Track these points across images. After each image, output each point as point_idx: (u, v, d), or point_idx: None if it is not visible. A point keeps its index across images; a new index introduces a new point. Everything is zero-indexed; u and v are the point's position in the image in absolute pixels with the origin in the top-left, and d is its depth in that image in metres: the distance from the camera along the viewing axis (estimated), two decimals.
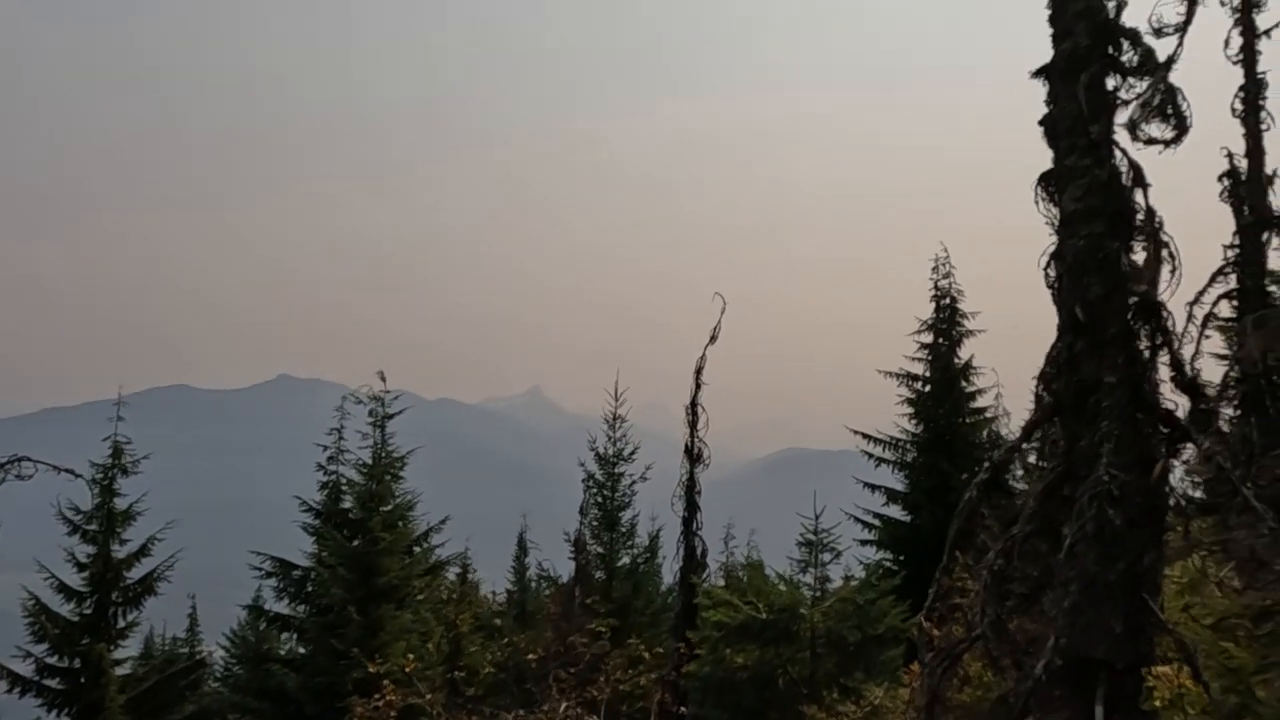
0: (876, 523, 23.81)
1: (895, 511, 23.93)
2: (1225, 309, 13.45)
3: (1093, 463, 4.91)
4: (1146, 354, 5.22)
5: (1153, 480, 5.01)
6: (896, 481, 24.08)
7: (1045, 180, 5.48)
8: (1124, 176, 5.32)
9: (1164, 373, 5.29)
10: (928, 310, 24.30)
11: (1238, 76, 12.97)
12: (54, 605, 21.43)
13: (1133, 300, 5.19)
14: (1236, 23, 12.89)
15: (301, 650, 23.06)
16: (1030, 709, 4.92)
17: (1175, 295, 5.40)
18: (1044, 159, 5.82)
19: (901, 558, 23.00)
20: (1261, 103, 12.95)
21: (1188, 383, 5.30)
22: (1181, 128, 5.18)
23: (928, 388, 24.07)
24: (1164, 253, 5.21)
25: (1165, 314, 5.23)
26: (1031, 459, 5.63)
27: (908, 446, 24.11)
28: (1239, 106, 13.01)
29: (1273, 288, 16.03)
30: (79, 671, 21.13)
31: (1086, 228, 5.21)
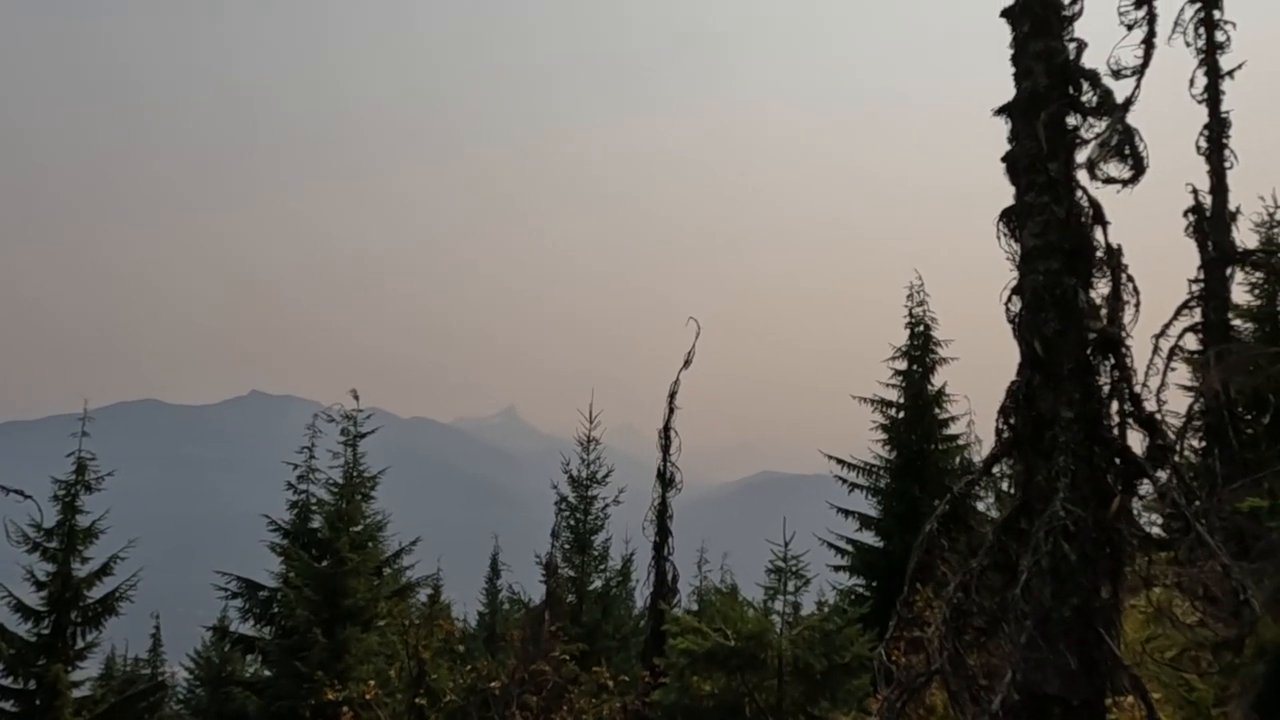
0: (849, 548, 23.83)
1: (868, 537, 23.95)
2: (1191, 342, 13.66)
3: (1049, 497, 4.93)
4: (1105, 389, 5.28)
5: (1109, 516, 5.05)
6: (870, 507, 24.14)
7: (1006, 216, 5.54)
8: (1084, 214, 5.39)
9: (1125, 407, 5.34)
10: (902, 336, 24.52)
11: (1202, 115, 13.25)
12: (11, 625, 20.89)
13: (1092, 336, 5.24)
14: (1201, 63, 13.18)
15: (266, 673, 22.68)
16: None
17: (1142, 328, 5.48)
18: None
19: (874, 584, 23.01)
20: (1225, 141, 13.23)
21: (1145, 418, 5.35)
22: (1139, 167, 5.27)
23: (901, 414, 24.20)
24: (1125, 289, 5.27)
25: (1125, 349, 5.29)
26: (999, 488, 5.62)
27: (880, 472, 24.19)
28: (1203, 144, 13.29)
29: (1236, 321, 16.34)
30: (34, 693, 20.59)
31: (1045, 264, 5.27)
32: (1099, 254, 5.32)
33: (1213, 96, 13.06)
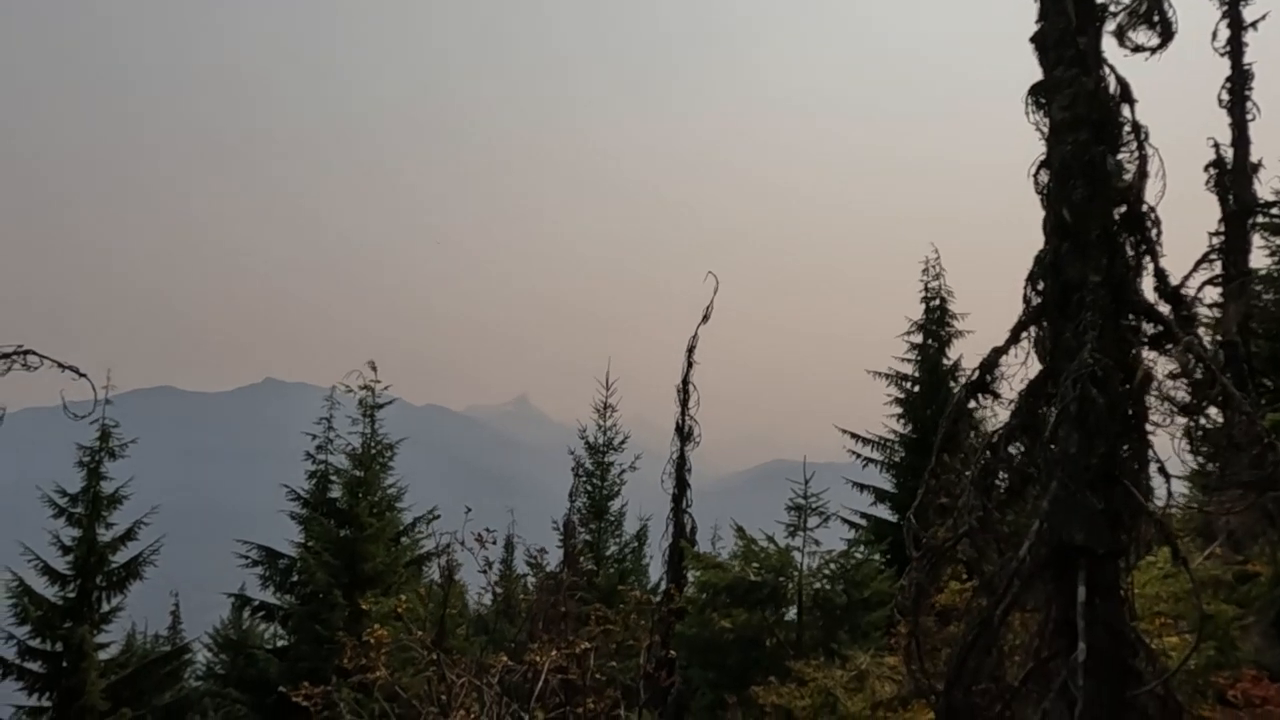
0: (863, 522, 23.85)
1: (883, 511, 23.98)
2: (1210, 295, 13.68)
3: (1076, 353, 5.01)
4: (1131, 260, 5.35)
5: (1136, 382, 5.13)
6: (884, 481, 24.16)
7: (1035, 91, 5.64)
8: (1111, 90, 5.48)
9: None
10: (915, 318, 24.47)
11: (1224, 68, 13.26)
12: (38, 588, 21.25)
13: (1119, 211, 5.33)
14: (1224, 15, 13.18)
15: (285, 641, 22.91)
16: (1014, 590, 5.00)
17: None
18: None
19: (889, 557, 23.04)
20: (1247, 93, 13.22)
21: (1170, 291, 5.44)
22: (1167, 34, 5.36)
23: (916, 388, 24.19)
24: (1149, 165, 5.36)
25: (1150, 223, 5.38)
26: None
27: (896, 446, 24.19)
28: (1225, 97, 13.29)
29: (1258, 287, 16.29)
30: (60, 655, 20.94)
31: (1073, 135, 5.36)
32: (1125, 130, 5.42)
33: (1235, 49, 13.07)
